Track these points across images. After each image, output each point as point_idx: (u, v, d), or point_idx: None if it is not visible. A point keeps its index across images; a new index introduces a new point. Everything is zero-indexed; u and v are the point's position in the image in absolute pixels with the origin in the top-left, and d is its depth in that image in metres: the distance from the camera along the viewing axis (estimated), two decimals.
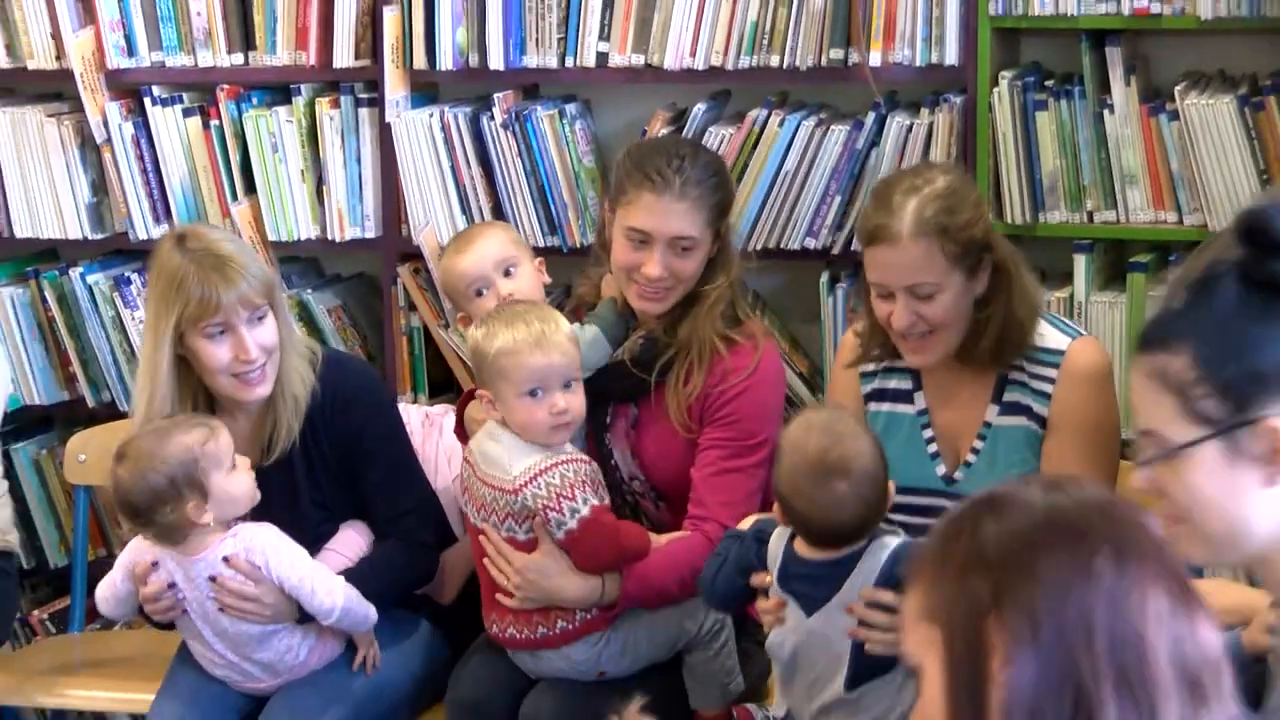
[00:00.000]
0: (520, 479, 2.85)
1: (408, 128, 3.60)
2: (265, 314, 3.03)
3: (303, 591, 3.00)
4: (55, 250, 3.97)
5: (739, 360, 3.02)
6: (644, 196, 2.97)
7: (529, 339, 2.85)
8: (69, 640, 3.74)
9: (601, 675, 2.94)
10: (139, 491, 2.94)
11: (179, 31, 3.75)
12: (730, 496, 3.00)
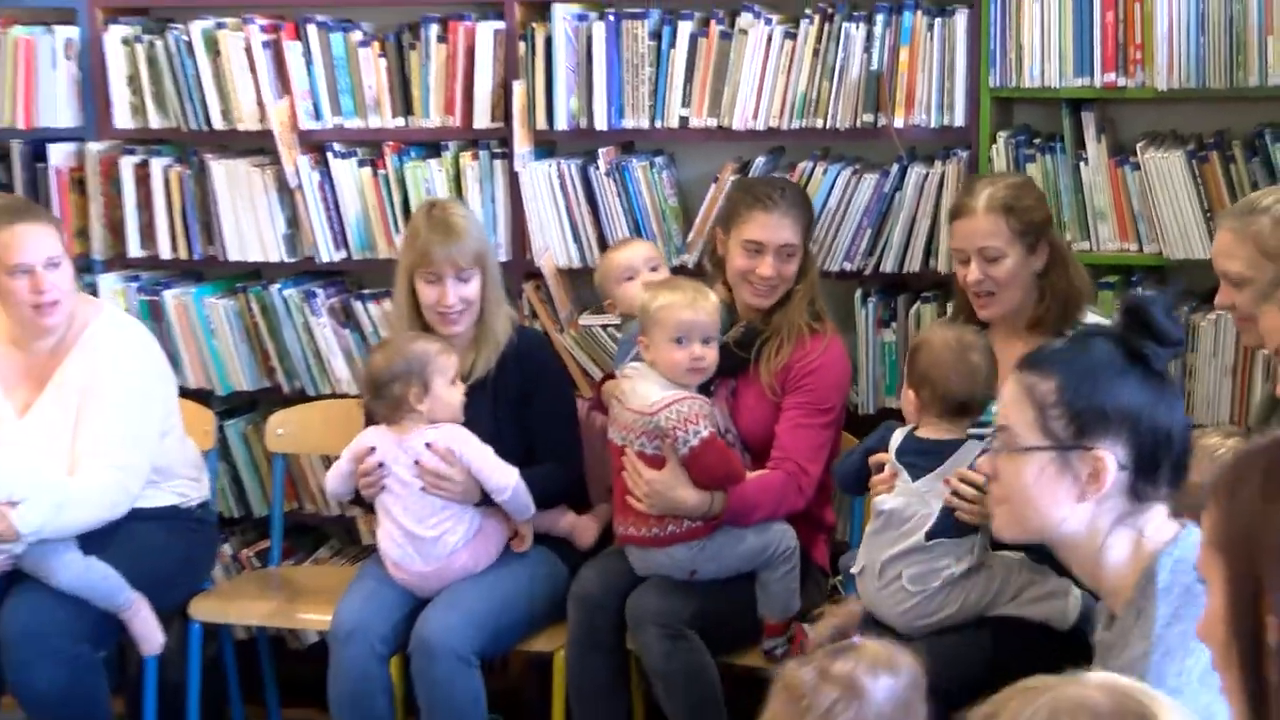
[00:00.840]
0: (658, 405, 3.18)
1: (531, 176, 3.87)
2: (471, 276, 3.42)
3: (485, 473, 3.34)
4: (259, 271, 4.21)
5: (816, 344, 3.36)
6: (757, 215, 3.34)
7: (683, 299, 3.20)
8: (269, 573, 4.07)
9: (693, 575, 3.22)
10: (384, 370, 3.35)
11: (355, 100, 4.06)
12: (805, 445, 3.32)
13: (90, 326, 3.71)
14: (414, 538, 3.40)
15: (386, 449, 3.38)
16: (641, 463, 3.24)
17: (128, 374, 3.70)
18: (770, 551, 3.22)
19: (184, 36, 4.09)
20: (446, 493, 3.38)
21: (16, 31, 4.22)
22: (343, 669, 3.40)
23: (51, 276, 3.58)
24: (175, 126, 4.18)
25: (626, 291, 3.54)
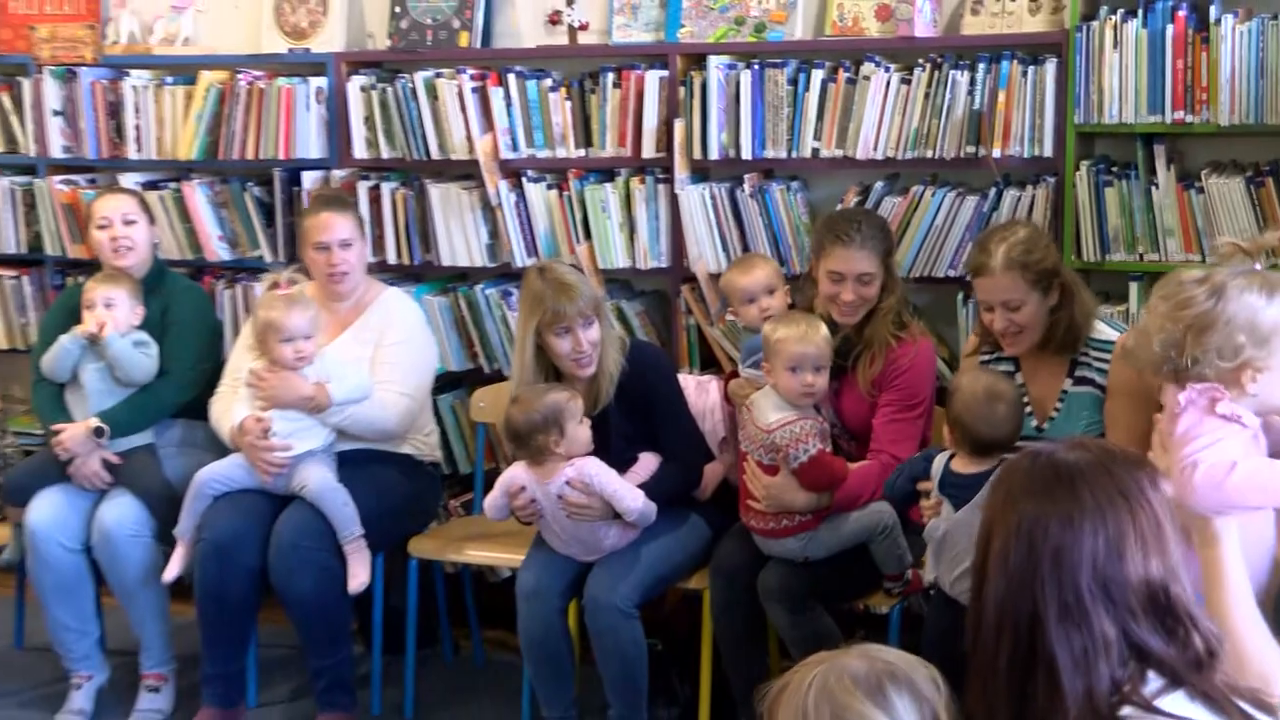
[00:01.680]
0: (774, 425, 3.30)
1: (688, 197, 4.02)
2: (593, 321, 3.49)
3: (616, 498, 3.42)
4: (465, 274, 4.39)
5: (905, 350, 3.44)
6: (837, 250, 3.43)
7: (798, 333, 3.28)
8: (472, 520, 4.21)
9: (806, 559, 3.34)
10: (523, 423, 3.43)
11: (545, 135, 4.23)
12: (898, 437, 3.43)
13: (383, 295, 4.01)
14: (574, 540, 3.54)
15: (533, 488, 3.48)
16: (760, 470, 3.36)
17: (415, 330, 4.00)
18: (870, 531, 3.34)
19: (410, 84, 4.29)
20: (588, 517, 3.47)
21: (280, 82, 4.47)
22: (529, 621, 3.53)
23: (343, 254, 3.86)
24: (401, 157, 4.38)
25: (747, 311, 3.65)
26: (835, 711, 1.54)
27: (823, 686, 1.56)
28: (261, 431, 3.72)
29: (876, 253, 3.45)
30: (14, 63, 4.93)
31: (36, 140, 4.85)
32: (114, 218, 4.09)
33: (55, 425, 3.97)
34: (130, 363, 3.96)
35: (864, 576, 3.40)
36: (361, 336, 3.94)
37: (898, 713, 1.53)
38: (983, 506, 1.74)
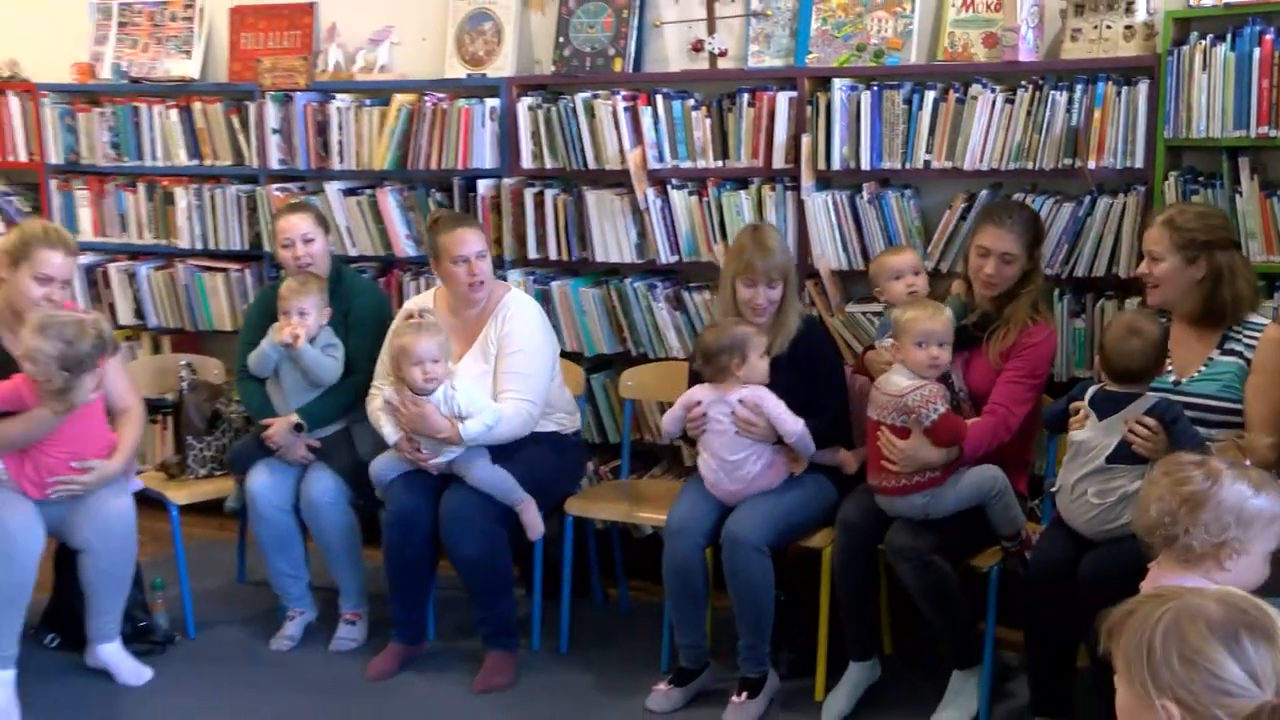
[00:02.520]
0: (907, 389, 3.37)
1: (813, 203, 4.08)
2: (778, 283, 3.61)
3: (779, 422, 3.53)
4: (616, 269, 4.51)
5: (1038, 331, 3.51)
6: (988, 228, 3.51)
7: (925, 314, 3.36)
8: (619, 484, 4.33)
9: (927, 516, 3.39)
10: (714, 344, 3.55)
11: (687, 148, 4.30)
12: (1014, 397, 3.47)
13: (502, 300, 3.99)
14: (725, 464, 3.60)
15: (710, 402, 3.59)
16: (893, 435, 3.40)
17: (533, 336, 3.97)
18: (984, 492, 3.38)
19: (571, 104, 4.39)
20: (752, 435, 3.57)
21: (460, 103, 4.59)
22: (673, 556, 3.61)
23: (479, 264, 3.89)
24: (562, 167, 4.47)
25: (892, 288, 3.71)
26: (1183, 652, 1.43)
27: (1174, 624, 1.45)
28: (413, 449, 3.84)
29: (1022, 238, 3.49)
30: (242, 90, 5.11)
31: (258, 154, 5.04)
32: (295, 238, 4.17)
33: (264, 420, 4.13)
34: (320, 368, 4.09)
35: (978, 536, 3.44)
36: (487, 349, 3.96)
37: (1252, 664, 1.41)
38: None
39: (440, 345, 3.79)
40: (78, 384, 3.62)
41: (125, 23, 5.50)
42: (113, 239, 5.43)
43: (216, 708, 3.79)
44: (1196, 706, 1.40)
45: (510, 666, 3.89)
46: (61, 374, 3.56)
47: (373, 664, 3.98)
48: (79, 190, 5.47)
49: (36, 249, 3.77)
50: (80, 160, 5.46)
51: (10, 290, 3.81)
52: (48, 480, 3.74)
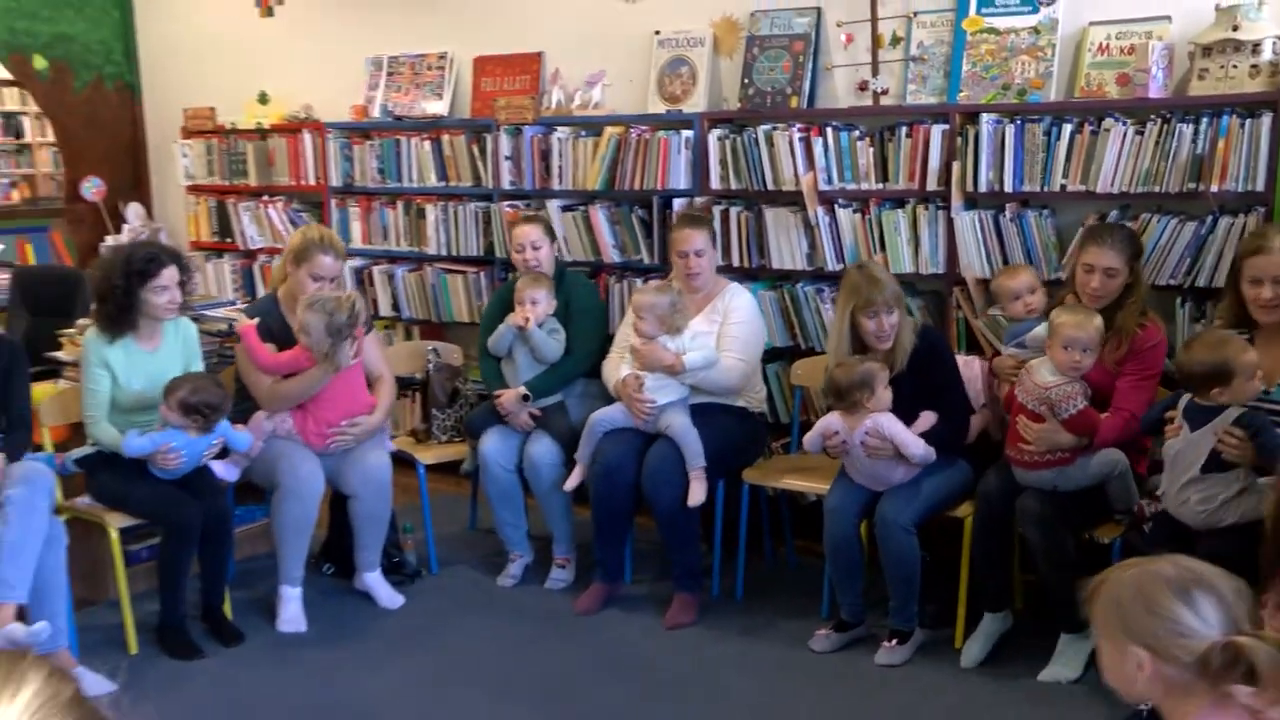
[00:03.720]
0: (1050, 385, 3.36)
1: (961, 221, 4.10)
2: (894, 310, 3.57)
3: (902, 445, 3.53)
4: (789, 274, 4.51)
5: (1148, 335, 3.45)
6: (1091, 247, 3.49)
7: (1075, 321, 3.33)
8: (789, 457, 4.36)
9: (1055, 488, 3.38)
10: (845, 382, 3.55)
11: (852, 172, 4.33)
12: (1136, 397, 3.42)
13: (728, 288, 4.13)
14: (868, 476, 3.58)
15: (844, 432, 3.59)
16: (1030, 419, 3.40)
17: (750, 315, 4.11)
18: (1106, 472, 3.38)
19: (754, 135, 4.45)
20: (881, 456, 3.56)
21: (659, 134, 4.67)
22: (831, 532, 3.65)
23: (696, 260, 4.04)
24: (745, 187, 4.51)
25: (1012, 308, 3.72)
26: (1147, 605, 1.52)
27: (1136, 583, 1.55)
28: (637, 386, 3.94)
29: (1123, 255, 3.45)
30: (482, 124, 5.29)
31: (493, 177, 5.21)
32: (526, 243, 4.32)
33: (497, 391, 4.28)
34: (545, 347, 4.22)
35: (1098, 510, 3.42)
36: (711, 318, 4.08)
37: (1203, 612, 1.50)
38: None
39: (669, 304, 3.92)
40: (340, 348, 3.92)
41: (392, 72, 5.81)
42: (376, 246, 5.68)
43: (455, 629, 3.96)
44: (1159, 649, 1.51)
45: (694, 607, 3.94)
46: (326, 339, 3.89)
47: (580, 600, 4.07)
48: (352, 207, 5.76)
49: (314, 253, 4.09)
50: (354, 183, 5.76)
51: (292, 283, 4.16)
52: (326, 432, 4.03)
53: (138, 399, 3.85)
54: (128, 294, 3.79)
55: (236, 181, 6.20)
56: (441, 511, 4.75)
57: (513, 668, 3.71)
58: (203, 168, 6.37)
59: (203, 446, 3.78)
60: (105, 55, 6.67)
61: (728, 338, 4.04)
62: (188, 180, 6.43)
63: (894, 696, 3.43)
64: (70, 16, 6.47)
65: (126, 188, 6.75)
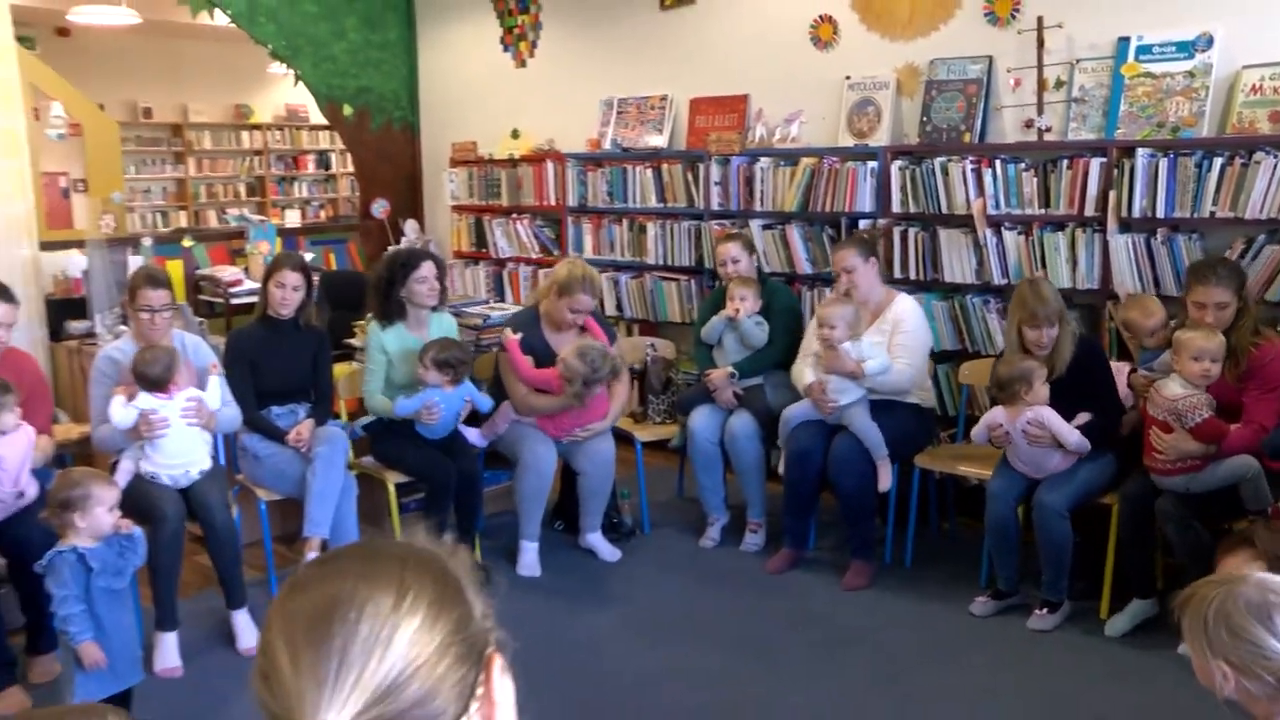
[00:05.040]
0: (1178, 398, 3.31)
1: (1116, 243, 4.06)
2: (1054, 324, 3.56)
3: (1059, 433, 3.49)
4: (959, 287, 4.44)
5: (1264, 350, 3.36)
6: (1198, 286, 3.42)
7: (1202, 335, 3.29)
8: (955, 446, 4.33)
9: (1188, 491, 3.33)
10: (1006, 376, 3.51)
11: (1018, 199, 4.30)
12: (1264, 410, 3.33)
13: (897, 300, 4.09)
14: (1028, 464, 3.61)
15: (1006, 423, 3.56)
16: (1161, 430, 3.34)
17: (918, 325, 4.07)
18: (1238, 476, 3.28)
19: (930, 166, 4.49)
20: (1040, 445, 3.53)
21: (848, 164, 4.68)
22: (992, 513, 3.65)
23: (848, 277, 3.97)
24: (922, 211, 4.54)
25: (1148, 341, 3.66)
26: (1229, 627, 1.45)
27: (1220, 607, 1.47)
28: (821, 389, 3.96)
29: (1230, 287, 3.37)
30: (695, 155, 5.42)
31: (704, 199, 5.33)
32: (727, 258, 4.41)
33: (707, 370, 4.37)
34: (752, 335, 4.30)
35: (1233, 508, 3.32)
36: (882, 328, 4.07)
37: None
38: None
39: (842, 316, 3.89)
40: (590, 393, 4.07)
41: (621, 111, 6.00)
42: (604, 256, 5.83)
43: (663, 581, 4.08)
44: (1243, 667, 1.44)
45: (868, 573, 3.97)
46: (582, 386, 4.01)
47: (770, 562, 4.13)
48: (585, 224, 5.95)
49: (577, 291, 4.14)
50: (587, 204, 5.95)
51: (552, 307, 4.25)
52: (562, 433, 4.20)
53: (407, 377, 4.07)
54: (394, 284, 4.09)
55: (492, 202, 6.46)
56: (654, 481, 4.85)
57: (710, 615, 3.79)
58: (465, 191, 6.73)
59: (457, 402, 3.92)
60: (395, 102, 7.09)
61: (897, 346, 4.02)
62: (453, 201, 6.81)
63: (1043, 657, 3.42)
64: (371, 73, 7.01)
65: (406, 207, 7.22)
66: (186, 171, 11.80)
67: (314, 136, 12.68)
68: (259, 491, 3.95)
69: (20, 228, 5.03)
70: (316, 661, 0.76)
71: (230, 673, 3.39)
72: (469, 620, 0.82)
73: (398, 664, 0.77)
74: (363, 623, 0.77)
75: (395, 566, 0.81)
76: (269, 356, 3.99)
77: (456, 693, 0.79)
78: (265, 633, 0.82)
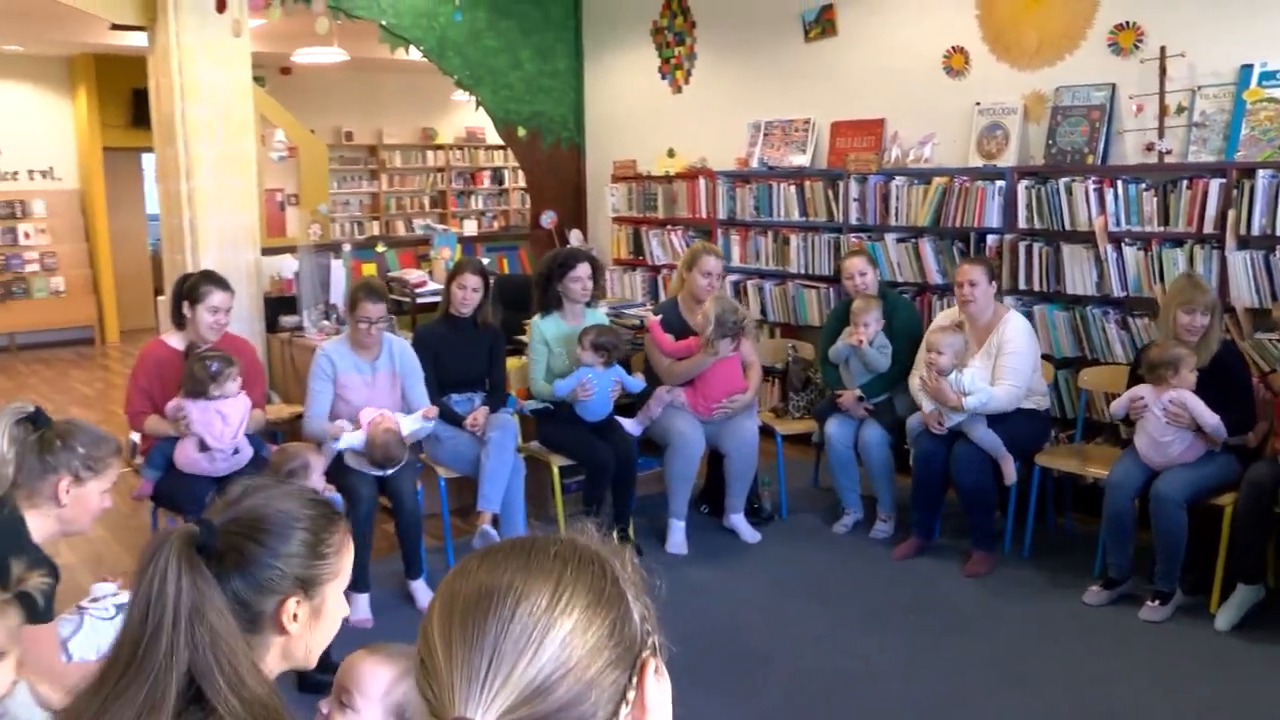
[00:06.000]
0: None
1: (1234, 259, 4.04)
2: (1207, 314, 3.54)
3: (1199, 415, 3.49)
4: (1079, 299, 4.45)
5: None
6: None
7: None
8: (1074, 447, 4.29)
9: None
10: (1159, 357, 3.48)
11: (1139, 216, 4.27)
12: None
13: (1004, 317, 4.09)
14: (1156, 444, 3.60)
15: (1150, 397, 3.58)
16: None
17: (1023, 343, 4.04)
18: None
19: (1055, 186, 4.47)
20: (1178, 424, 3.53)
21: (977, 183, 4.71)
22: (1111, 502, 3.66)
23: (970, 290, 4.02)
24: (1046, 227, 4.48)
25: None
26: None
27: None
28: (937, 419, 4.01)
29: None
30: (835, 174, 5.52)
31: (842, 214, 5.43)
32: (855, 272, 4.43)
33: (838, 391, 4.46)
34: (875, 361, 4.34)
35: None
36: (989, 352, 4.05)
37: None
38: None
39: (950, 344, 3.94)
40: (720, 342, 4.15)
41: (768, 133, 6.12)
42: (750, 265, 5.98)
43: (798, 562, 4.17)
44: None
45: (989, 562, 4.01)
46: (716, 329, 4.11)
47: (897, 549, 4.19)
48: (733, 235, 6.10)
49: (700, 256, 4.37)
50: (735, 217, 6.07)
51: (687, 284, 4.43)
52: (711, 406, 4.30)
53: (564, 363, 4.27)
54: (551, 280, 4.30)
55: (648, 214, 6.68)
56: (792, 471, 4.93)
57: (841, 593, 3.89)
58: (625, 204, 6.96)
59: (608, 382, 4.05)
60: (563, 124, 7.39)
61: (1002, 368, 4.00)
62: (613, 213, 7.08)
63: (1154, 646, 3.42)
64: (543, 99, 7.40)
65: (571, 218, 7.54)
66: (380, 187, 12.69)
67: (489, 155, 13.37)
68: (439, 470, 4.14)
69: (247, 236, 5.57)
70: (469, 656, 0.74)
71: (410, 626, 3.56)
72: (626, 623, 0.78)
73: (549, 665, 0.74)
74: (516, 621, 0.74)
75: (557, 565, 0.78)
76: (450, 350, 4.19)
77: (607, 696, 0.75)
78: (427, 618, 0.80)
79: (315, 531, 1.24)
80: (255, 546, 1.17)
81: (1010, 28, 4.87)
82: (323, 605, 1.27)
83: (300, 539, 1.22)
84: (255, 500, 1.21)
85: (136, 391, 3.73)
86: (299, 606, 1.22)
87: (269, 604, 1.19)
